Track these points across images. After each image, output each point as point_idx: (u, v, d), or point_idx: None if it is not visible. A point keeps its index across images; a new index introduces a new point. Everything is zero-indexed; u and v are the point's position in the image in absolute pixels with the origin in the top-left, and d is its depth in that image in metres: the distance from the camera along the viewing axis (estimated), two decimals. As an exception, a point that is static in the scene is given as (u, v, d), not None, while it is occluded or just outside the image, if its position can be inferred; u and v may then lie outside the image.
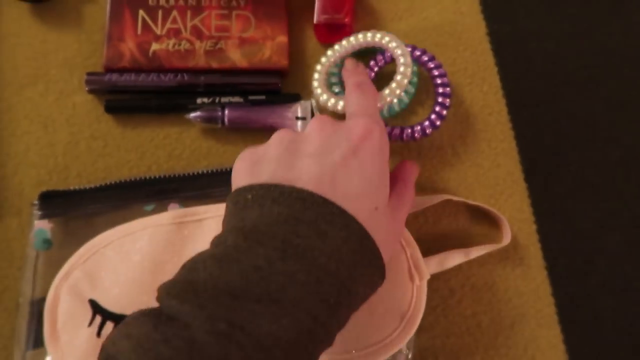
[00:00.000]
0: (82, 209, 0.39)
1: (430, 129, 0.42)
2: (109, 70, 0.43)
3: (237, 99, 0.43)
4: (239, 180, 0.31)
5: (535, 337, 0.40)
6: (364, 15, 0.47)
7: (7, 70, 0.44)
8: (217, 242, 0.28)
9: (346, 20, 0.44)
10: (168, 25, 0.44)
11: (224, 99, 0.43)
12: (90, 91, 0.43)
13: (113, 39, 0.43)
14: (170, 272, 0.37)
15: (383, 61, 0.43)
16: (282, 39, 0.45)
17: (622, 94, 0.45)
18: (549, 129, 0.44)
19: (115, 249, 0.38)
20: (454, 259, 0.40)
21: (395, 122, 0.44)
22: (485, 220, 0.43)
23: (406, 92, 0.41)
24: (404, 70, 0.40)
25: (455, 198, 0.41)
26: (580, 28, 0.47)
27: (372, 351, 0.36)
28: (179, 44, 0.44)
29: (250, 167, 0.31)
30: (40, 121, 0.43)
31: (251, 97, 0.44)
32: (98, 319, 0.36)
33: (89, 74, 0.43)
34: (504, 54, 0.46)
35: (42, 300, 0.37)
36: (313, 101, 0.44)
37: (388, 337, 0.36)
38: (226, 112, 0.43)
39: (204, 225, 0.38)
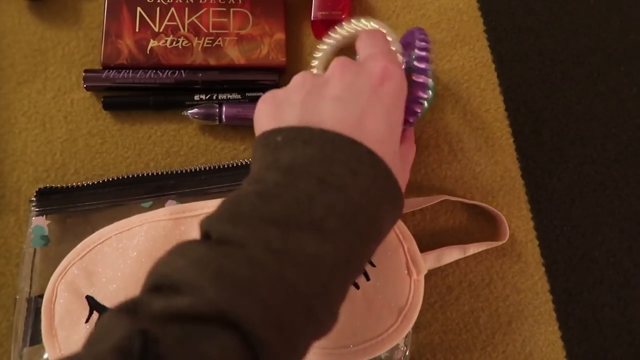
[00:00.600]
0: (79, 206, 0.39)
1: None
2: (106, 67, 0.43)
3: (234, 95, 0.43)
4: (263, 123, 0.31)
5: (533, 333, 0.40)
6: (361, 12, 0.47)
7: (5, 67, 0.44)
8: (253, 180, 0.28)
9: (343, 16, 0.44)
10: (166, 22, 0.44)
11: (222, 96, 0.43)
12: (88, 88, 0.43)
13: (111, 36, 0.43)
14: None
15: None
16: (280, 36, 0.45)
17: (621, 91, 0.45)
18: (547, 126, 0.44)
19: (112, 246, 0.38)
20: (451, 255, 0.39)
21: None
22: (483, 218, 0.42)
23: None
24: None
25: (452, 198, 0.41)
26: (578, 24, 0.47)
27: (370, 346, 0.36)
28: (177, 41, 0.44)
29: (274, 110, 0.31)
30: (38, 118, 0.43)
31: (249, 94, 0.44)
32: (95, 315, 0.36)
33: (86, 71, 0.43)
34: (501, 50, 0.46)
35: (40, 297, 0.37)
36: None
37: (385, 332, 0.36)
38: (224, 109, 0.43)
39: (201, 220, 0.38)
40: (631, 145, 0.44)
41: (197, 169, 0.41)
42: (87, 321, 0.36)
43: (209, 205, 0.39)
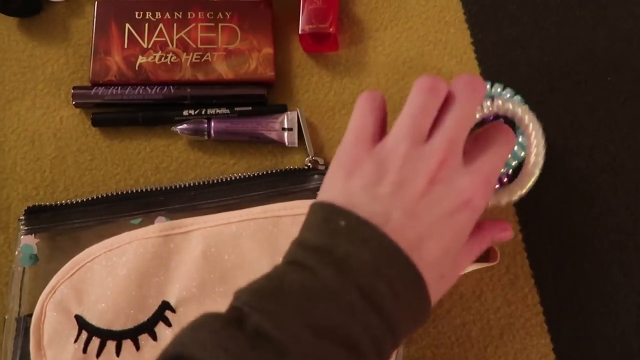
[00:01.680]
0: (68, 224, 0.39)
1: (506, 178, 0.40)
2: (95, 84, 0.43)
3: (223, 110, 0.44)
4: (338, 170, 0.30)
5: (524, 346, 0.40)
6: (349, 25, 0.48)
7: (-7, 86, 0.44)
8: (301, 255, 0.28)
9: (331, 30, 0.45)
10: (154, 38, 0.45)
11: (211, 111, 0.44)
12: (77, 105, 0.43)
13: (99, 52, 0.44)
14: (156, 285, 0.37)
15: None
16: (268, 50, 0.45)
17: (608, 101, 0.46)
18: (535, 137, 0.44)
19: (101, 263, 0.38)
20: None
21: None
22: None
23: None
24: (536, 160, 0.35)
25: None
26: (564, 35, 0.47)
27: None
28: (166, 57, 0.44)
29: (356, 166, 0.30)
30: (27, 136, 0.43)
31: (237, 109, 0.44)
32: (84, 334, 0.36)
33: (75, 88, 0.43)
34: (488, 62, 0.46)
35: (29, 316, 0.37)
36: (299, 111, 0.44)
37: None
38: (212, 124, 0.43)
39: (190, 237, 0.38)
40: (619, 155, 0.44)
41: (187, 185, 0.41)
42: (75, 340, 0.36)
43: (199, 222, 0.39)
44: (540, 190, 0.43)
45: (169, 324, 0.37)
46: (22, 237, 0.39)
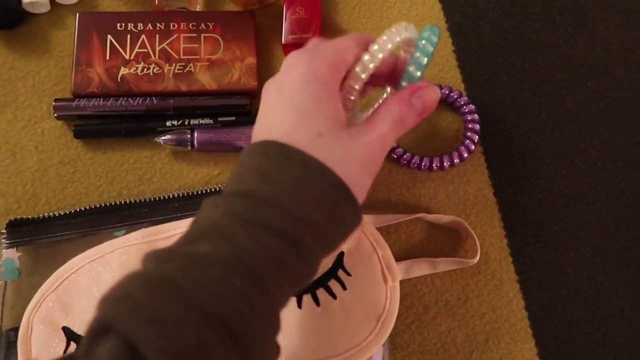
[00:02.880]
0: (51, 237, 0.39)
1: (458, 160, 0.43)
2: (77, 96, 0.43)
3: (206, 120, 0.44)
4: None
5: (510, 351, 0.41)
6: (331, 35, 0.48)
7: (-26, 99, 0.44)
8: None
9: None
10: (137, 49, 0.44)
11: (194, 121, 0.43)
12: (59, 117, 0.43)
13: (81, 64, 0.43)
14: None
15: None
16: (251, 60, 0.45)
17: (588, 107, 0.46)
18: (517, 143, 0.45)
19: (85, 274, 0.37)
20: (421, 268, 0.40)
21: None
22: (456, 237, 0.43)
23: (421, 49, 0.32)
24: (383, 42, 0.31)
25: (427, 216, 0.41)
26: (545, 42, 0.48)
27: (350, 355, 0.36)
28: (148, 68, 0.44)
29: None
30: (8, 148, 0.43)
31: (221, 119, 0.44)
32: (73, 345, 0.36)
33: (56, 100, 0.43)
34: (470, 70, 0.47)
35: (11, 330, 0.37)
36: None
37: (364, 341, 0.36)
38: (196, 134, 0.43)
39: (174, 241, 0.38)
40: (600, 160, 0.45)
41: (170, 196, 0.41)
42: (64, 352, 0.36)
43: (181, 226, 0.39)
44: (524, 196, 0.44)
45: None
46: (3, 250, 0.38)
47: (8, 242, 0.38)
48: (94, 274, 0.37)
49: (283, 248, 0.25)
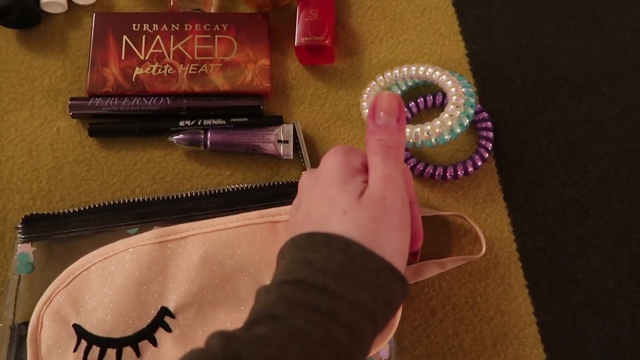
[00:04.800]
0: (65, 233, 0.40)
1: (472, 169, 0.43)
2: (92, 95, 0.44)
3: (219, 121, 0.44)
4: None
5: (517, 356, 0.40)
6: (345, 37, 0.48)
7: (-8, 96, 0.45)
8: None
9: (327, 42, 0.45)
10: (151, 49, 0.45)
11: (207, 122, 0.44)
12: (74, 116, 0.44)
13: (97, 64, 0.44)
14: (154, 291, 0.37)
15: (430, 103, 0.45)
16: (264, 62, 0.45)
17: (602, 112, 0.46)
18: (529, 148, 0.45)
19: (97, 272, 0.38)
20: (430, 269, 0.40)
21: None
22: (460, 233, 0.43)
23: (460, 123, 0.40)
24: (457, 101, 0.40)
25: (429, 213, 0.41)
26: (559, 47, 0.47)
27: None
28: (162, 68, 0.45)
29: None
30: (24, 146, 0.43)
31: (233, 120, 0.44)
32: (83, 343, 0.36)
33: (72, 99, 0.44)
34: (483, 74, 0.47)
35: (23, 324, 0.37)
36: (295, 123, 0.44)
37: None
38: (209, 135, 0.43)
39: (187, 243, 0.39)
40: (613, 166, 0.44)
41: (183, 195, 0.41)
42: (75, 350, 0.36)
43: (195, 227, 0.39)
44: (535, 200, 0.44)
45: (168, 330, 0.37)
46: (18, 245, 0.39)
47: (23, 236, 0.39)
48: (106, 272, 0.38)
49: (333, 329, 0.26)
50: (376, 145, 0.31)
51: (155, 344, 0.36)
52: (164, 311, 0.37)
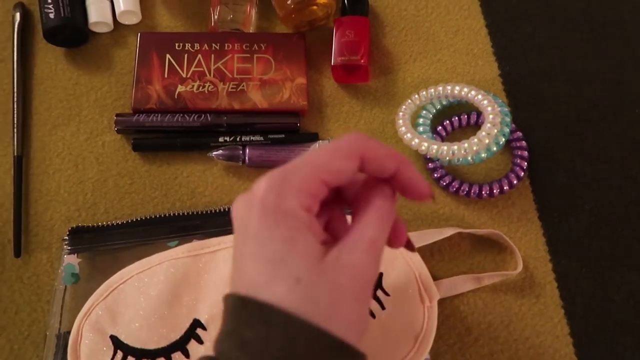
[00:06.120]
0: (109, 245, 0.41)
1: (507, 187, 0.43)
2: (137, 111, 0.45)
3: (257, 137, 0.45)
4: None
5: (553, 376, 0.40)
6: (379, 57, 0.49)
7: (41, 112, 0.46)
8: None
9: (362, 61, 0.46)
10: (193, 68, 0.47)
11: (245, 138, 0.45)
12: (119, 131, 0.45)
13: (141, 81, 0.46)
14: (186, 304, 0.38)
15: (465, 122, 0.46)
16: (301, 80, 0.47)
17: (636, 132, 0.46)
18: (563, 168, 0.45)
19: (133, 285, 0.39)
20: (465, 284, 0.40)
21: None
22: (495, 250, 0.43)
23: (496, 142, 0.41)
24: (493, 119, 0.40)
25: (464, 230, 0.42)
26: (592, 67, 0.48)
27: None
28: (203, 86, 0.46)
29: None
30: (71, 159, 0.45)
31: (271, 136, 0.45)
32: (119, 354, 0.37)
33: (117, 115, 0.45)
34: (516, 94, 0.47)
35: (68, 333, 0.38)
36: (331, 140, 0.45)
37: (404, 359, 0.37)
38: (247, 151, 0.45)
39: (217, 256, 0.40)
40: (648, 187, 0.44)
41: (221, 210, 0.42)
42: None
43: (226, 241, 0.40)
44: (570, 220, 0.44)
45: (200, 342, 0.38)
46: (65, 256, 0.40)
47: (69, 248, 0.40)
48: (142, 285, 0.39)
49: None
50: (379, 204, 0.26)
51: (187, 355, 0.37)
52: (196, 323, 0.38)
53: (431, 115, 0.46)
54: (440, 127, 0.46)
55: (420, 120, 0.45)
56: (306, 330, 0.22)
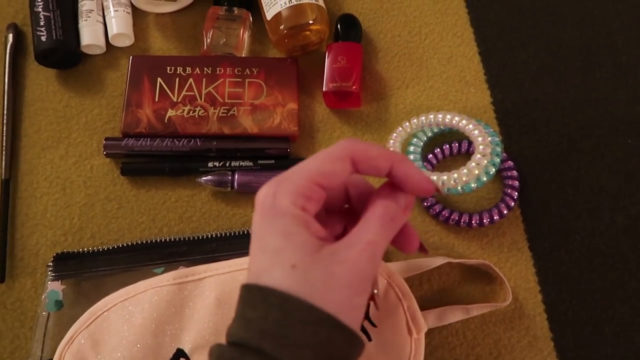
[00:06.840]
0: (94, 271, 0.41)
1: (497, 217, 0.43)
2: (126, 135, 0.45)
3: (247, 163, 0.45)
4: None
5: (542, 411, 0.40)
6: (371, 83, 0.49)
7: (31, 134, 0.46)
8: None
9: (354, 88, 0.46)
10: (184, 92, 0.46)
11: (235, 163, 0.45)
12: (108, 155, 0.45)
13: (131, 105, 0.46)
14: (170, 333, 0.37)
15: (455, 150, 0.46)
16: (293, 105, 0.46)
17: (629, 162, 0.46)
18: (554, 198, 0.45)
19: (117, 313, 0.38)
20: (454, 314, 0.40)
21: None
22: (484, 281, 0.42)
23: (486, 172, 0.40)
24: (483, 150, 0.40)
25: (454, 260, 0.41)
26: (585, 97, 0.48)
27: None
28: (194, 111, 0.46)
29: None
30: (59, 183, 0.45)
31: (261, 162, 0.45)
32: (101, 382, 0.37)
33: (107, 139, 0.45)
34: (508, 122, 0.47)
35: (50, 361, 0.38)
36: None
37: None
38: (236, 176, 0.44)
39: (203, 283, 0.39)
40: (640, 218, 0.44)
41: (208, 236, 0.42)
42: (93, 388, 0.37)
43: (212, 269, 0.40)
44: (561, 251, 0.43)
45: (184, 372, 0.37)
46: (49, 282, 0.40)
47: (54, 274, 0.40)
48: (126, 312, 0.38)
49: None
50: (382, 210, 0.28)
51: (171, 385, 0.37)
52: (180, 353, 0.37)
53: (422, 143, 0.45)
54: (431, 155, 0.46)
55: (411, 149, 0.45)
56: (299, 306, 0.25)
